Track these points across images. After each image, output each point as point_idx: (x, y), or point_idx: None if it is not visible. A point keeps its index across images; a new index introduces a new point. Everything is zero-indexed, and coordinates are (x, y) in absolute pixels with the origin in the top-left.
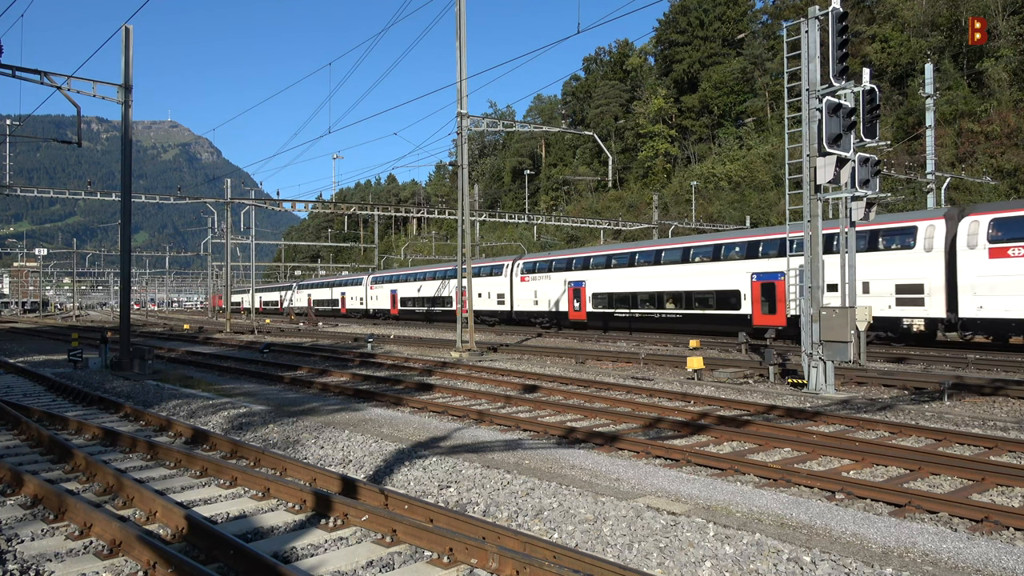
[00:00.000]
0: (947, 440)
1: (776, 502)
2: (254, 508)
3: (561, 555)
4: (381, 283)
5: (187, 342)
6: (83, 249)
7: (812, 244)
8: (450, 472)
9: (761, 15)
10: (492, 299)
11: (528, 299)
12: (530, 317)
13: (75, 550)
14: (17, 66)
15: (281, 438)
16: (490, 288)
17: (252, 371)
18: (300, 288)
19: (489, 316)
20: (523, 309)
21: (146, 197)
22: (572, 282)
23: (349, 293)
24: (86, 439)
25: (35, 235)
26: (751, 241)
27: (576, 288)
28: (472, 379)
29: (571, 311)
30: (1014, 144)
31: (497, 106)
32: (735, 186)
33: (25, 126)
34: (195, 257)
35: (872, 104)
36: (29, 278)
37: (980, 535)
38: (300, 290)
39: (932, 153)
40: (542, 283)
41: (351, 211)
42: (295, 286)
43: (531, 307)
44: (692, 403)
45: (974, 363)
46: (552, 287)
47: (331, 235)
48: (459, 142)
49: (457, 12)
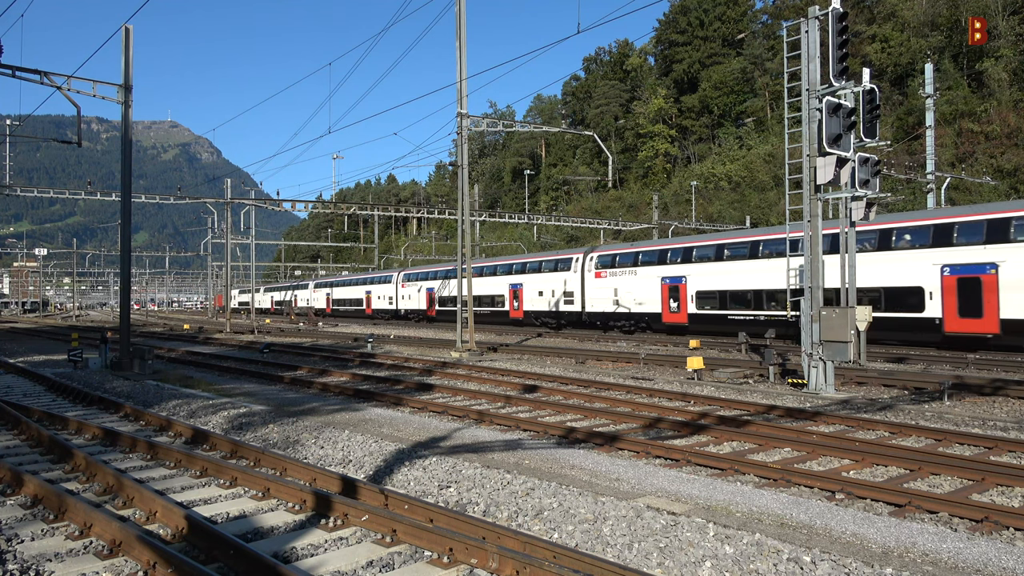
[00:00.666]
0: (947, 440)
1: (776, 502)
2: (254, 508)
3: (561, 555)
4: (414, 280)
5: (187, 342)
6: (83, 249)
7: (812, 244)
8: (450, 472)
9: (761, 15)
10: (556, 298)
11: (605, 298)
12: (608, 319)
13: (75, 550)
14: (17, 66)
15: (281, 438)
16: (553, 286)
17: (252, 371)
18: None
19: (550, 318)
20: (598, 310)
21: (146, 197)
22: (668, 278)
23: (376, 292)
24: (86, 439)
25: (35, 235)
26: (941, 224)
27: (673, 285)
28: (472, 379)
29: (666, 312)
30: (1014, 144)
31: (497, 106)
32: (735, 186)
33: (25, 126)
34: (195, 257)
35: (872, 104)
36: (29, 278)
37: (980, 535)
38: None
39: (932, 153)
40: (625, 280)
41: (351, 211)
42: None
43: (609, 307)
44: (692, 403)
45: (974, 363)
46: (639, 284)
47: (331, 235)
48: (459, 142)
49: (457, 12)
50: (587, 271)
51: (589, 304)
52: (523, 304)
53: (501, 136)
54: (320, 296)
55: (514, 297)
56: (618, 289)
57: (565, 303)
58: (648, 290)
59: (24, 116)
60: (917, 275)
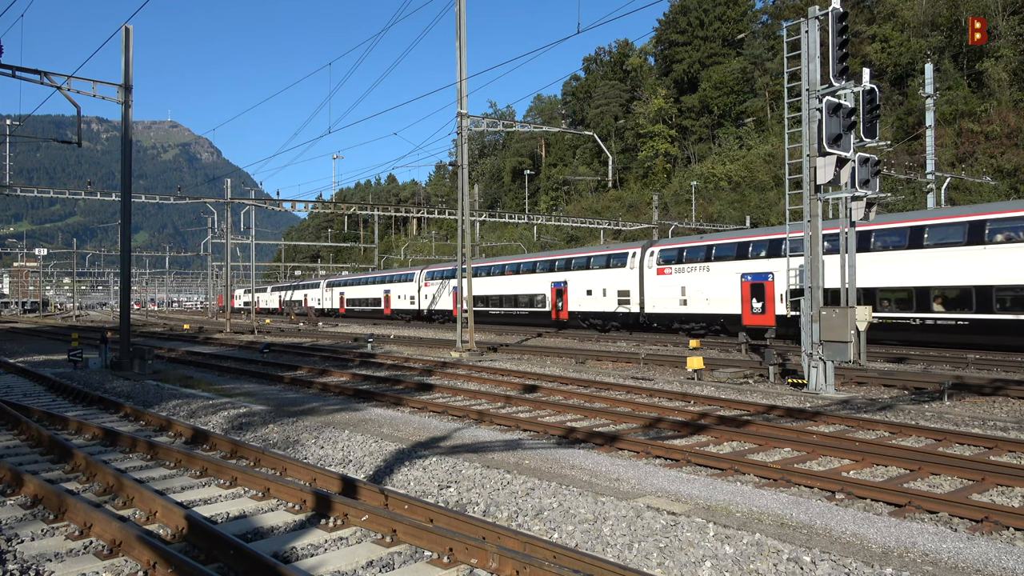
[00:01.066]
0: (947, 440)
1: (776, 502)
2: (254, 508)
3: (561, 555)
4: (439, 278)
5: (187, 342)
6: (83, 249)
7: (812, 244)
8: (450, 472)
9: (761, 15)
10: (608, 298)
11: (669, 297)
12: (672, 321)
13: (75, 550)
14: (17, 66)
15: (281, 438)
16: (604, 284)
17: (252, 371)
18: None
19: (600, 320)
20: (661, 311)
21: (146, 197)
22: (750, 275)
23: (395, 291)
24: (86, 439)
25: (35, 235)
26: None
27: (757, 283)
28: (472, 379)
29: (747, 313)
30: (1014, 144)
31: (497, 106)
32: (735, 186)
33: (25, 126)
34: (195, 257)
35: (872, 104)
36: (29, 278)
37: (980, 535)
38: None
39: (932, 153)
40: (695, 276)
41: (351, 211)
42: (323, 283)
43: (674, 307)
44: (692, 403)
45: (974, 363)
46: (713, 281)
47: (331, 235)
48: (459, 142)
49: (457, 12)
50: (646, 267)
51: (649, 304)
52: (568, 304)
53: (501, 136)
54: (333, 296)
55: (557, 297)
56: (686, 287)
57: (619, 303)
58: (724, 288)
59: (24, 116)
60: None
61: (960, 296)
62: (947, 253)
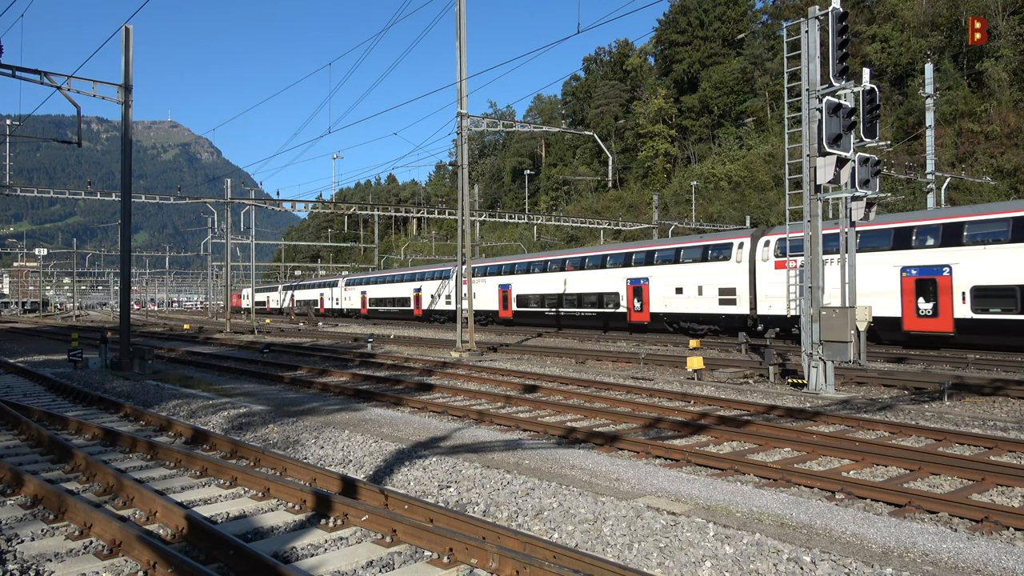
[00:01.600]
0: (947, 440)
1: (776, 502)
2: (254, 508)
3: (561, 555)
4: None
5: (187, 342)
6: (83, 249)
7: (812, 244)
8: (450, 472)
9: (761, 15)
10: (705, 297)
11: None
12: (796, 322)
13: (75, 550)
14: (17, 66)
15: (281, 438)
16: (700, 281)
17: (252, 371)
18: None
19: (695, 323)
20: (780, 312)
21: (146, 197)
22: (912, 268)
23: (428, 289)
24: (86, 439)
25: (35, 235)
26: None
27: (924, 279)
28: (472, 379)
29: (909, 316)
30: (1014, 144)
31: (497, 106)
32: (735, 186)
33: (25, 126)
34: (195, 257)
35: (872, 104)
36: (29, 278)
37: (980, 535)
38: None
39: (932, 153)
40: (830, 271)
41: (351, 211)
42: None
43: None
44: (692, 403)
45: (974, 363)
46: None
47: (331, 235)
48: (459, 142)
49: (457, 12)
50: (760, 260)
51: (763, 304)
52: (648, 304)
53: (501, 136)
54: (353, 295)
55: (635, 296)
56: None
57: (721, 303)
58: (875, 285)
59: (24, 116)
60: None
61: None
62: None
